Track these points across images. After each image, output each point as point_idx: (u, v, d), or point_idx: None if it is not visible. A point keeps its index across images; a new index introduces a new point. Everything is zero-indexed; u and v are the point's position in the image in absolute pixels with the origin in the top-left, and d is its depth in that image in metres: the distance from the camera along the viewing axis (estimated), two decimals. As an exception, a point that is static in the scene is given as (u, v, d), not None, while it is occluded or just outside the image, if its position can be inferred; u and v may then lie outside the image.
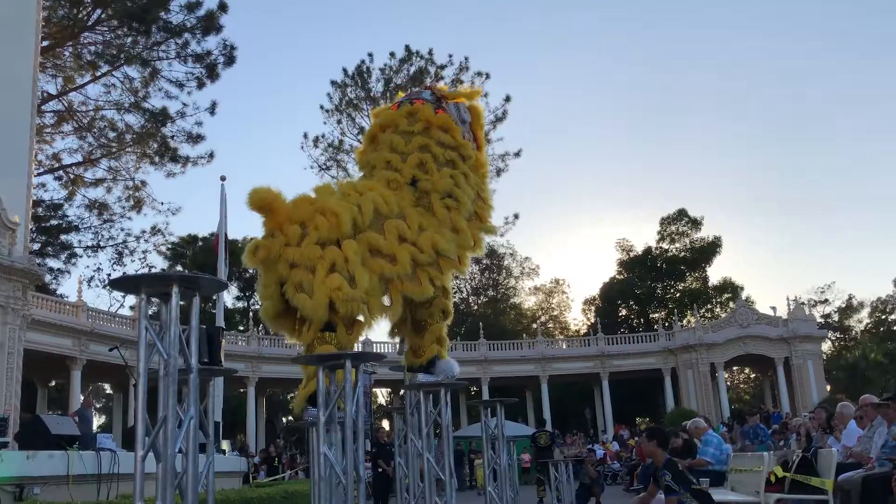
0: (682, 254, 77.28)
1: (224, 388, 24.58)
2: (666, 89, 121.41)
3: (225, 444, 21.97)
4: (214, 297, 39.44)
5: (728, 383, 70.17)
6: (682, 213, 78.36)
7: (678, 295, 77.11)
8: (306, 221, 7.58)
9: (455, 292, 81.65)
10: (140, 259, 52.47)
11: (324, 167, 62.28)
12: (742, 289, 76.44)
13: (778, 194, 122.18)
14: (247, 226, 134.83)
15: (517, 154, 62.74)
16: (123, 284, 4.97)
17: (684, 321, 69.08)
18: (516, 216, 65.03)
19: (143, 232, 51.54)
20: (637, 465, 26.16)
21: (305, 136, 62.48)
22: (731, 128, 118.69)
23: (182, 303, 4.84)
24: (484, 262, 78.61)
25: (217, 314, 22.26)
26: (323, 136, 62.31)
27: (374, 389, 58.31)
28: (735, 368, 76.94)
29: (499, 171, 62.97)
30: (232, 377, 40.69)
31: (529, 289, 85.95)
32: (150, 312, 4.88)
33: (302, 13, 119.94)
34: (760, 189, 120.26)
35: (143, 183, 45.58)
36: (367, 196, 8.11)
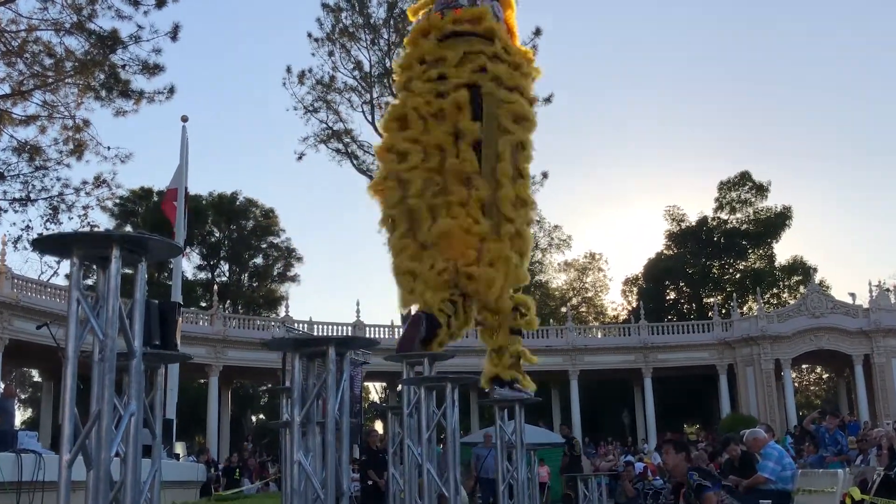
0: (744, 226, 77.10)
1: (180, 378, 24.55)
2: (730, 24, 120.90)
3: (179, 447, 21.98)
4: (171, 267, 39.36)
5: (795, 385, 70.16)
6: (744, 177, 78.10)
7: (738, 276, 77.05)
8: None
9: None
10: (80, 216, 51.84)
11: (311, 108, 62.06)
12: (815, 270, 76.40)
13: (861, 157, 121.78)
14: (212, 178, 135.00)
15: (547, 100, 62.20)
16: (51, 245, 4.83)
17: (745, 308, 68.93)
18: (545, 175, 64.49)
19: (85, 183, 50.68)
20: (683, 483, 26.11)
21: (289, 70, 62.04)
22: (807, 75, 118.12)
23: (128, 271, 4.72)
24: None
25: (173, 287, 22.27)
26: (310, 70, 61.98)
27: (365, 383, 58.26)
28: (804, 367, 76.97)
29: (525, 120, 62.75)
30: (189, 364, 40.71)
31: (559, 264, 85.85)
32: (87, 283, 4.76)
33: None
34: (840, 150, 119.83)
35: (86, 122, 44.92)
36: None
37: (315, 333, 48.65)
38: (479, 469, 23.91)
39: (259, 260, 76.56)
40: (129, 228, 61.89)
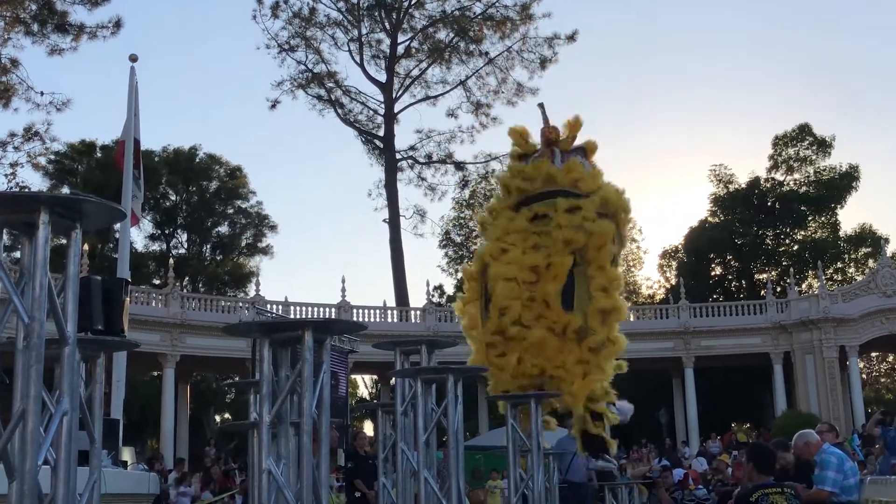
0: (803, 189, 77.02)
1: (128, 371, 24.47)
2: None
3: (126, 453, 21.96)
4: (117, 236, 39.17)
5: (863, 376, 70.17)
6: (804, 131, 77.95)
7: (796, 247, 77.01)
8: None
9: (476, 235, 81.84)
10: (7, 175, 51.81)
11: (286, 47, 61.90)
12: (887, 241, 75.83)
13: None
14: (166, 130, 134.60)
15: (571, 37, 62.34)
16: (-36, 208, 4.75)
17: (804, 285, 68.87)
18: (566, 127, 64.48)
19: (13, 135, 50.61)
20: (730, 493, 26.03)
21: (260, 0, 62.01)
22: (874, 14, 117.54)
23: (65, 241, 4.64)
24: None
25: (120, 261, 22.07)
26: (286, 1, 61.88)
27: (351, 376, 58.26)
28: (874, 355, 76.97)
29: (543, 62, 62.55)
30: (139, 353, 40.54)
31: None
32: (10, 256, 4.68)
33: None
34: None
35: (14, 62, 44.86)
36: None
37: (292, 316, 48.58)
38: (567, 470, 23.21)
39: (224, 228, 76.35)
40: (66, 190, 61.71)
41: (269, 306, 50.17)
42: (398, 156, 64.13)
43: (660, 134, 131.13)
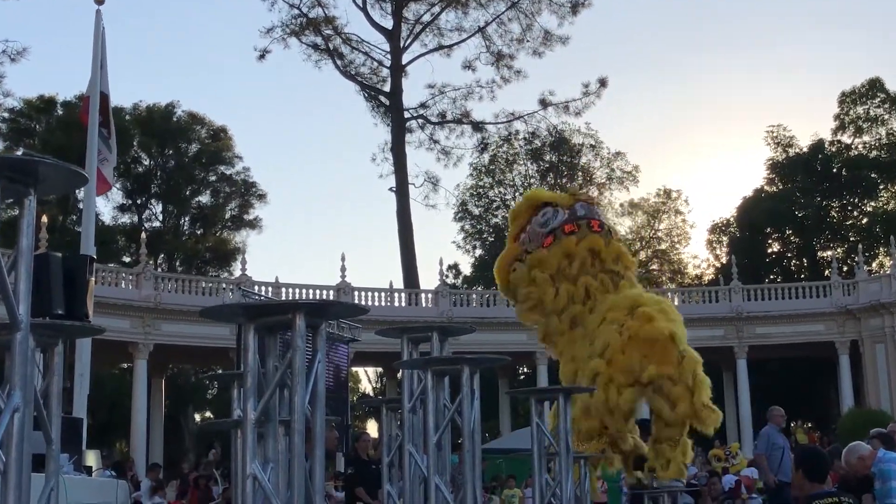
0: (874, 153, 76.77)
1: (94, 361, 24.45)
2: None
3: (91, 457, 21.94)
4: (80, 207, 39.20)
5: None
6: (875, 87, 77.63)
7: (865, 220, 76.84)
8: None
9: (497, 207, 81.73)
10: (-44, 135, 52.18)
11: (291, 30, 61.62)
12: (969, 213, 76.19)
13: None
14: (138, 84, 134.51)
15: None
16: None
17: (874, 264, 68.66)
18: (602, 83, 64.44)
19: (-38, 90, 50.93)
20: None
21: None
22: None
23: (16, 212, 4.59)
24: (548, 157, 78.04)
25: (84, 235, 22.06)
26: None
27: (353, 368, 58.17)
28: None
29: (575, 7, 62.35)
30: (107, 341, 40.54)
31: (622, 205, 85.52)
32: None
33: None
34: None
35: (-36, 8, 44.92)
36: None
37: (284, 299, 48.41)
38: (779, 467, 21.54)
39: (205, 198, 76.10)
40: (21, 152, 61.64)
41: (256, 288, 49.99)
42: (407, 114, 63.94)
43: (710, 92, 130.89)
